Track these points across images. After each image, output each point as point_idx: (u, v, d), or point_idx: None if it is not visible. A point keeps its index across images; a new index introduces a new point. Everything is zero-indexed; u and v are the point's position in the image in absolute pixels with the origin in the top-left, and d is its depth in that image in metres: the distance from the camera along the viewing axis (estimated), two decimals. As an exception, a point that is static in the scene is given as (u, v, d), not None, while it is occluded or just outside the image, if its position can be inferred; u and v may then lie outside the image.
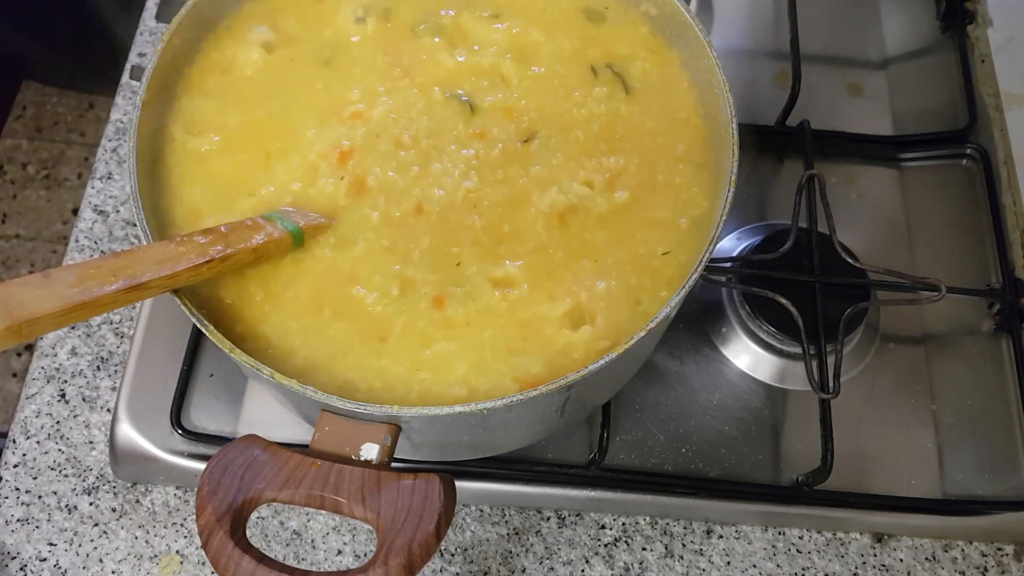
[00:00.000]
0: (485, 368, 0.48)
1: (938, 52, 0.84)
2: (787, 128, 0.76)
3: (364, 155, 0.53)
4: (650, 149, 0.54)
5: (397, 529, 0.41)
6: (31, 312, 0.37)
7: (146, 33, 0.84)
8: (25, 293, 0.38)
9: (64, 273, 0.40)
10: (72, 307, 0.39)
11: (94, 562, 0.63)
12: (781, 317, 0.64)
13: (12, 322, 0.37)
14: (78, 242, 0.74)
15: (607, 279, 0.50)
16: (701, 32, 0.53)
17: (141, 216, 0.47)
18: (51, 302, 0.38)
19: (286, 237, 0.48)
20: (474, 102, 0.55)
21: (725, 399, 0.68)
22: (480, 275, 0.50)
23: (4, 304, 0.37)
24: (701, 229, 0.51)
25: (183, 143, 0.53)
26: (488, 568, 0.64)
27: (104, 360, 0.70)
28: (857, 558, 0.65)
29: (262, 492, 0.42)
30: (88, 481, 0.66)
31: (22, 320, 0.37)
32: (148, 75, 0.51)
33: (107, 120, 0.80)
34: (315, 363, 0.48)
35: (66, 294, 0.39)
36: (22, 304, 0.37)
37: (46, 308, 0.38)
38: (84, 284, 0.39)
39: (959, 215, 0.76)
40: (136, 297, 0.41)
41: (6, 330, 0.36)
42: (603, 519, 0.65)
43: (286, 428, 0.65)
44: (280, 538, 0.64)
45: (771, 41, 0.84)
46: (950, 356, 0.70)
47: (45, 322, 0.38)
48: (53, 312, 0.38)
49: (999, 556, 0.65)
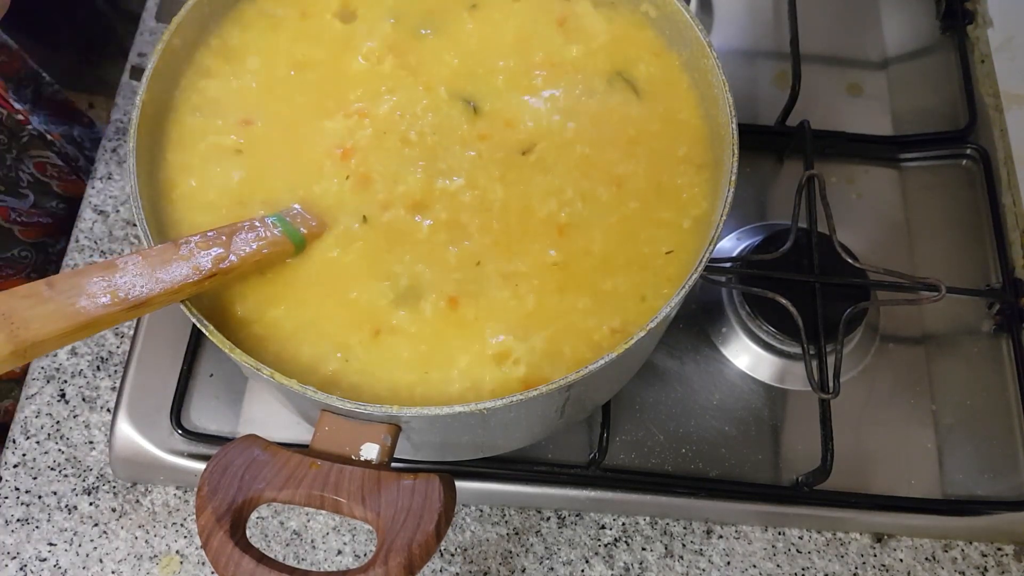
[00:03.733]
0: (490, 367, 0.48)
1: (938, 52, 0.84)
2: (787, 128, 0.76)
3: (368, 153, 0.53)
4: (654, 151, 0.54)
5: (397, 529, 0.41)
6: (36, 335, 0.37)
7: (146, 33, 0.84)
8: (28, 309, 0.38)
9: (67, 284, 0.39)
10: (76, 327, 0.39)
11: (94, 562, 0.63)
12: (781, 317, 0.64)
13: (17, 347, 0.36)
14: (78, 242, 0.74)
15: (613, 278, 0.50)
16: (701, 32, 0.53)
17: (141, 216, 0.47)
18: (55, 323, 0.38)
19: (288, 246, 0.48)
20: (479, 105, 0.55)
21: (725, 399, 0.68)
22: (490, 273, 0.50)
23: (8, 322, 0.37)
24: (702, 229, 0.51)
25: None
26: (488, 568, 0.64)
27: (104, 360, 0.70)
28: (857, 558, 0.65)
29: (262, 492, 0.42)
30: (88, 481, 0.66)
31: (27, 344, 0.37)
32: (148, 75, 0.50)
33: (107, 120, 0.80)
34: (316, 362, 0.48)
35: (70, 312, 0.38)
36: (27, 324, 0.37)
37: (50, 330, 0.38)
38: (88, 300, 0.39)
39: (959, 215, 0.76)
40: (138, 313, 0.42)
41: (11, 355, 0.36)
42: (603, 519, 0.65)
43: (286, 428, 0.65)
44: (280, 538, 0.64)
45: (771, 41, 0.84)
46: (950, 356, 0.70)
47: (49, 344, 0.38)
48: (57, 335, 0.38)
49: (999, 556, 0.65)
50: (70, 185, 0.83)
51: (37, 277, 0.81)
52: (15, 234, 0.77)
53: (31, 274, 0.81)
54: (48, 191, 0.81)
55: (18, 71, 0.83)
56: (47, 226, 0.81)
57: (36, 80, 0.86)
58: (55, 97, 0.88)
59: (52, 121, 0.85)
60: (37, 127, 0.79)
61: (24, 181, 0.77)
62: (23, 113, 0.77)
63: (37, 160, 0.79)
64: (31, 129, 0.78)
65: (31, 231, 0.79)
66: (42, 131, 0.80)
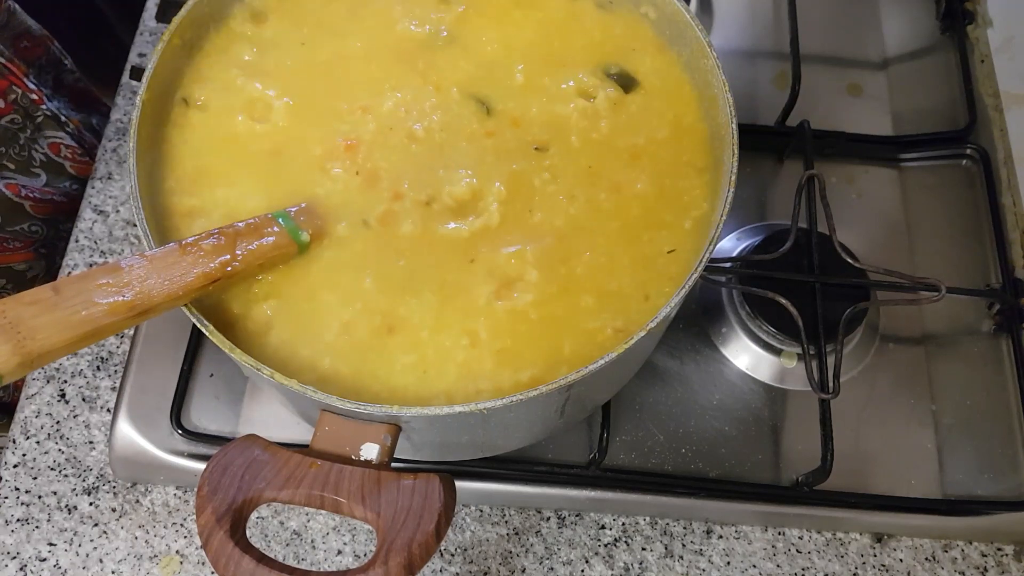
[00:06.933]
0: (492, 367, 0.48)
1: (938, 52, 0.84)
2: (787, 128, 0.76)
3: (375, 149, 0.53)
4: (656, 152, 0.54)
5: (397, 529, 0.41)
6: (42, 346, 0.37)
7: (146, 33, 0.84)
8: (35, 316, 0.38)
9: (73, 289, 0.39)
10: (84, 336, 0.39)
11: (94, 562, 0.63)
12: (781, 317, 0.64)
13: (24, 358, 0.37)
14: (78, 242, 0.74)
15: (618, 277, 0.50)
16: (701, 33, 0.53)
17: (141, 216, 0.47)
18: (63, 333, 0.38)
19: (292, 246, 0.48)
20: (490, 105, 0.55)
21: (725, 399, 0.68)
22: (494, 272, 0.50)
23: (15, 332, 0.37)
24: (703, 229, 0.51)
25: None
26: (488, 568, 0.64)
27: (104, 360, 0.70)
28: (857, 558, 0.65)
29: (262, 492, 0.42)
30: (88, 481, 0.66)
31: (34, 356, 0.37)
32: (148, 75, 0.50)
33: (107, 118, 0.80)
34: (316, 362, 0.48)
35: (76, 321, 0.39)
36: (33, 334, 0.37)
37: (57, 340, 0.38)
38: (95, 307, 0.39)
39: (959, 215, 0.76)
40: (144, 319, 0.42)
41: (18, 366, 0.37)
42: (603, 519, 0.65)
43: (286, 428, 0.65)
44: (280, 538, 0.64)
45: (771, 41, 0.84)
46: (950, 356, 0.70)
47: (57, 354, 0.38)
48: (64, 344, 0.38)
49: (999, 556, 0.65)
50: (83, 167, 0.83)
51: (46, 252, 0.82)
52: (26, 208, 0.77)
53: (39, 248, 0.81)
54: (61, 171, 0.81)
55: (40, 57, 0.83)
56: (59, 204, 0.81)
57: (58, 67, 0.86)
58: (75, 85, 0.89)
59: (71, 108, 0.85)
60: (51, 108, 0.79)
61: (37, 160, 0.78)
62: (37, 93, 0.77)
63: (52, 141, 0.79)
64: (45, 109, 0.78)
65: (42, 207, 0.79)
66: (56, 112, 0.80)
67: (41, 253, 0.82)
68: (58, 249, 0.83)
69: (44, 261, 0.83)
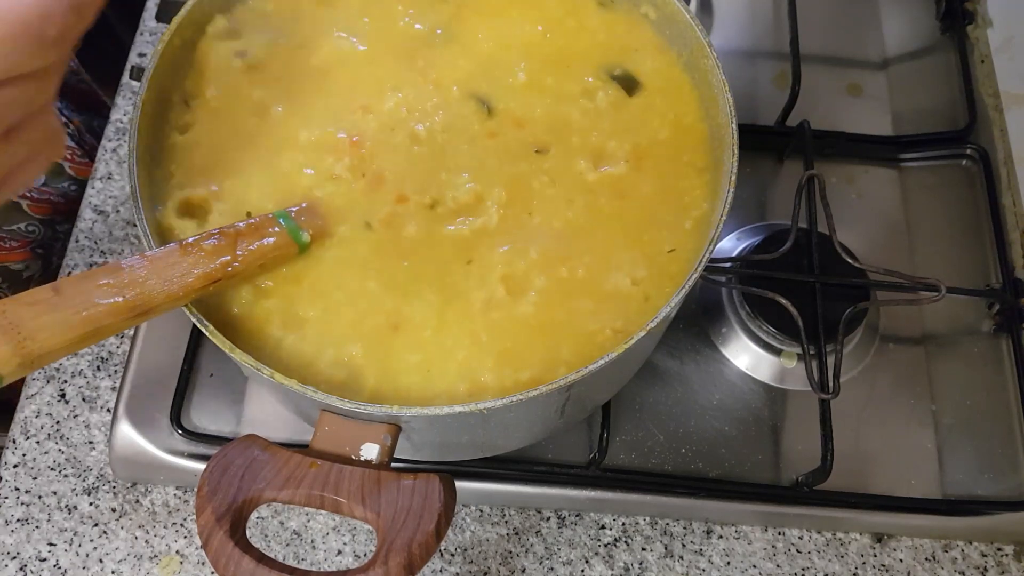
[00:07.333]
0: (492, 367, 0.48)
1: (938, 52, 0.84)
2: (787, 128, 0.76)
3: (378, 150, 0.53)
4: (656, 152, 0.54)
5: (397, 529, 0.41)
6: (43, 347, 0.37)
7: (146, 33, 0.84)
8: (35, 317, 0.37)
9: (74, 290, 0.39)
10: (84, 336, 0.39)
11: (94, 562, 0.63)
12: (781, 317, 0.64)
13: (24, 359, 0.37)
14: (78, 242, 0.74)
15: (620, 275, 0.50)
16: (701, 33, 0.53)
17: (141, 216, 0.47)
18: (63, 333, 0.38)
19: (292, 247, 0.48)
20: (491, 104, 0.55)
21: (725, 399, 0.68)
22: (495, 272, 0.50)
23: (15, 332, 0.36)
24: (703, 229, 0.51)
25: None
26: (488, 568, 0.64)
27: (104, 360, 0.70)
28: (857, 558, 0.65)
29: (262, 492, 0.42)
30: (88, 481, 0.66)
31: (34, 356, 0.37)
32: (148, 75, 0.50)
33: (107, 120, 0.80)
34: (316, 361, 0.48)
35: (77, 321, 0.38)
36: (34, 335, 0.37)
37: (58, 341, 0.38)
38: (95, 308, 0.39)
39: (959, 215, 0.76)
40: (145, 319, 0.42)
41: (18, 367, 0.36)
42: (603, 519, 0.65)
43: (286, 428, 0.65)
44: (280, 538, 0.64)
45: (771, 41, 0.84)
46: (950, 356, 0.70)
47: (57, 354, 0.38)
48: (64, 344, 0.38)
49: (999, 556, 0.65)
50: (83, 168, 0.83)
51: (42, 252, 0.82)
52: (23, 208, 0.77)
53: (36, 248, 0.81)
54: (61, 172, 0.81)
55: None
56: (57, 204, 0.81)
57: None
58: (78, 86, 0.89)
59: (73, 109, 0.85)
60: None
61: None
62: None
63: None
64: None
65: (40, 207, 0.79)
66: (57, 113, 0.80)
67: (38, 253, 0.81)
68: (55, 249, 0.83)
69: (41, 261, 0.83)
